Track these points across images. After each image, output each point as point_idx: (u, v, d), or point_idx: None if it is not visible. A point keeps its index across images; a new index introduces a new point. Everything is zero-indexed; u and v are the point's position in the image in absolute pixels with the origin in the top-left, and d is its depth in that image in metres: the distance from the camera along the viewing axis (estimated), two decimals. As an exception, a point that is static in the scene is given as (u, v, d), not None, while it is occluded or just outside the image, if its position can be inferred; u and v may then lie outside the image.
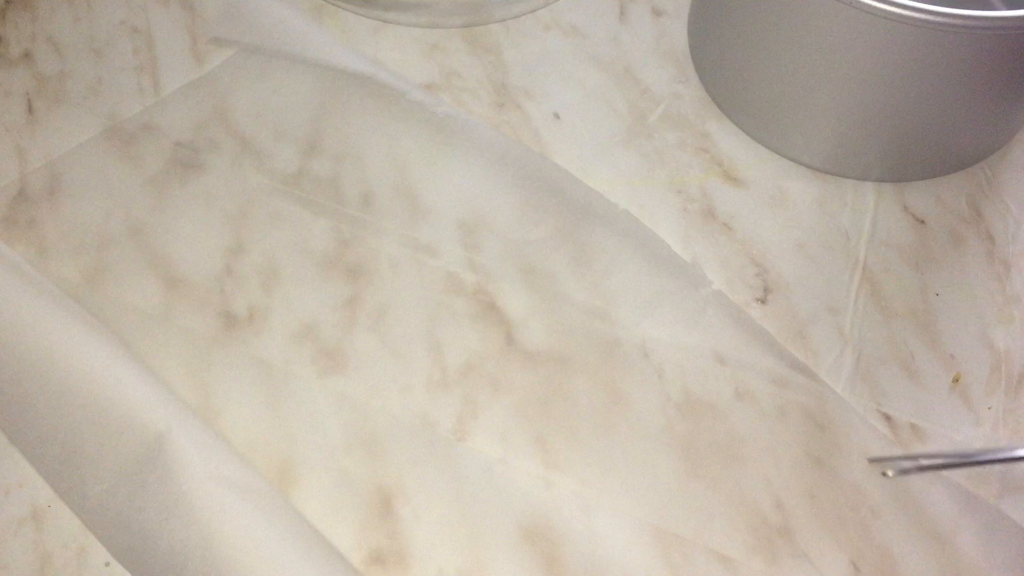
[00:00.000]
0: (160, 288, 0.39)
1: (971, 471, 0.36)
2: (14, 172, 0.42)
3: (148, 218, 0.41)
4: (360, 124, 0.43)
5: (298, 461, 0.35)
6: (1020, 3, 0.37)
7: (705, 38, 0.45)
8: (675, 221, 0.41)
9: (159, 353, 0.37)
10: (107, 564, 0.34)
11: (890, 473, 0.32)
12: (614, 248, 0.40)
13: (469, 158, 0.42)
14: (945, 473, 0.35)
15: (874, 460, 0.34)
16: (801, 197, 0.42)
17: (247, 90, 0.44)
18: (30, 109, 0.44)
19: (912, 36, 0.35)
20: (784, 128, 0.43)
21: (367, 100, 0.43)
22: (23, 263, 0.37)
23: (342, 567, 0.32)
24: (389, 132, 0.42)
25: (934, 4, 0.34)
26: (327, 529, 0.34)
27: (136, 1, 0.48)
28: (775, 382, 0.37)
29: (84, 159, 0.42)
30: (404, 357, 0.38)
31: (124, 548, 0.32)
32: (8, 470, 0.35)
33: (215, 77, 0.44)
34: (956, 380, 0.38)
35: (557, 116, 0.44)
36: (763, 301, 0.40)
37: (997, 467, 0.36)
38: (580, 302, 0.39)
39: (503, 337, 0.38)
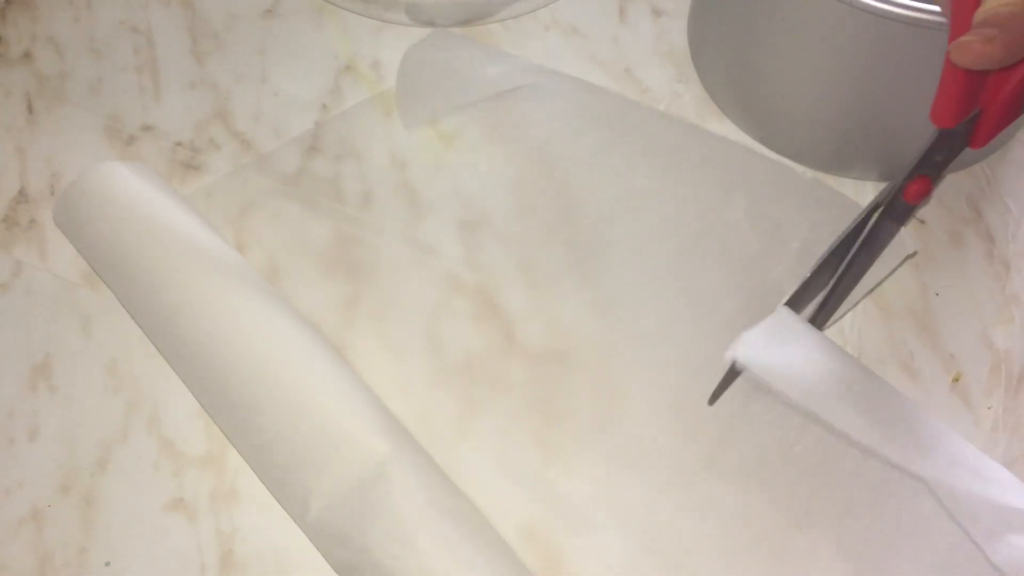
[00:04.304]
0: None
1: None
2: (14, 172, 0.42)
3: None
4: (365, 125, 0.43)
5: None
6: (1020, 3, 0.37)
7: (705, 38, 0.45)
8: (675, 221, 0.41)
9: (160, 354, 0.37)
10: (107, 564, 0.34)
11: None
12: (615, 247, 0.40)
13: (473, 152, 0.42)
14: None
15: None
16: (801, 197, 0.42)
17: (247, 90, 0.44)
18: (30, 109, 0.44)
19: (912, 36, 0.35)
20: (784, 128, 0.43)
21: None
22: (255, 274, 0.37)
23: None
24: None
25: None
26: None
27: (136, 1, 0.48)
28: None
29: (85, 159, 0.42)
30: (404, 356, 0.38)
31: (341, 562, 0.32)
32: (9, 470, 0.35)
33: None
34: (956, 379, 0.38)
35: (557, 116, 0.44)
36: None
37: None
38: (580, 301, 0.39)
39: (503, 337, 0.38)
